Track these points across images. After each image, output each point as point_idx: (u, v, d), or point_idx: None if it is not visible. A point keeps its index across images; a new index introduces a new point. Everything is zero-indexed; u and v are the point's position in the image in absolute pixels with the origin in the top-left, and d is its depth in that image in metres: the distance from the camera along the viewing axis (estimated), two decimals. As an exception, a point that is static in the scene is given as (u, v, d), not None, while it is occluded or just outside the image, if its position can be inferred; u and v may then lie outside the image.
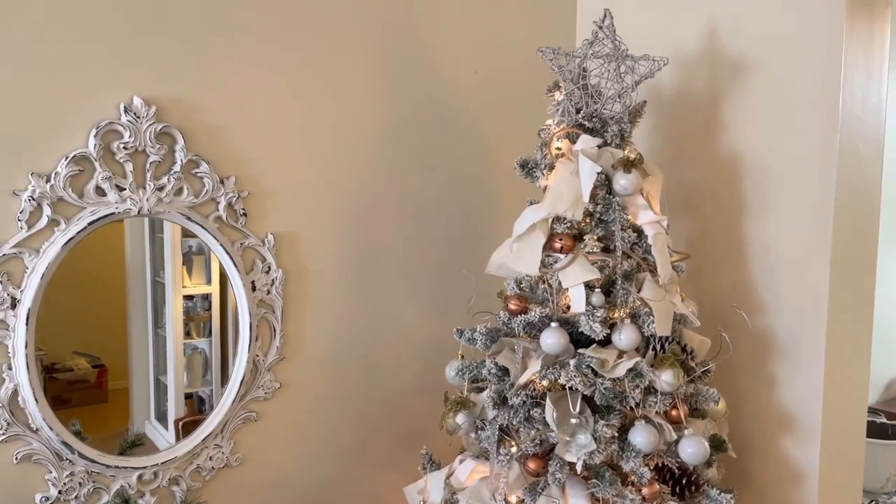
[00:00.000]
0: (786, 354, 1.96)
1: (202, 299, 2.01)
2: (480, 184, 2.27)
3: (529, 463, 1.67)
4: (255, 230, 1.91)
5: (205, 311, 2.02)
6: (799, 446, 1.94)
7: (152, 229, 1.90)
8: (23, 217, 1.62)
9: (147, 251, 1.92)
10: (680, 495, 1.69)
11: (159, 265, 1.94)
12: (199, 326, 2.02)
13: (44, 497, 1.69)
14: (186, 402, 2.00)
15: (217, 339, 2.01)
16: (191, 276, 1.98)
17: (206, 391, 2.02)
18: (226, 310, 1.98)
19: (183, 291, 1.98)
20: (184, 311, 1.99)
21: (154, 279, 1.95)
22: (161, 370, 1.99)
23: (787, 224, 1.95)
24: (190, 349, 2.01)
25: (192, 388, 2.02)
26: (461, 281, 2.20)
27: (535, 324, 1.72)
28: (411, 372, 2.20)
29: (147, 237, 1.91)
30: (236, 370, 1.91)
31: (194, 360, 2.02)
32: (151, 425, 1.99)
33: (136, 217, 1.76)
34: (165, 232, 1.90)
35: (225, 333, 1.99)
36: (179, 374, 1.98)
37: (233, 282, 1.89)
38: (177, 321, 1.96)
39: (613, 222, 1.72)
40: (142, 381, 1.99)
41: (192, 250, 1.96)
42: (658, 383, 1.66)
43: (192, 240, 1.94)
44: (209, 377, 2.01)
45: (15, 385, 1.63)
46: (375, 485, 2.16)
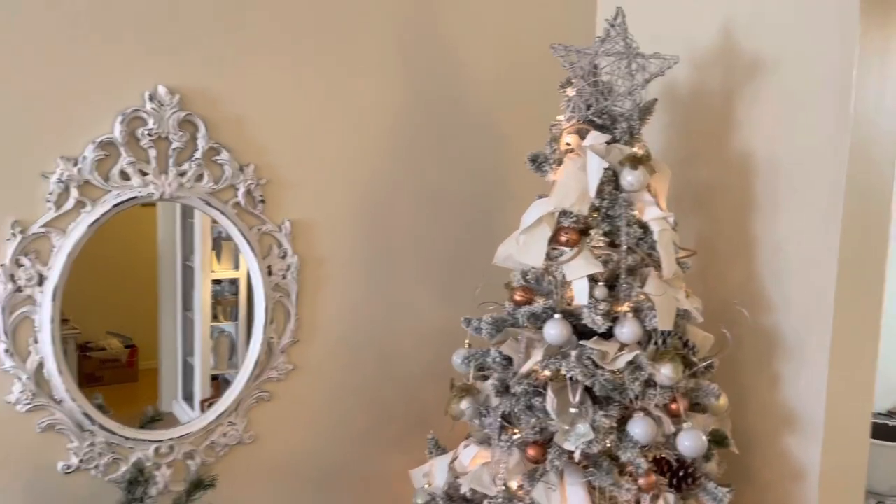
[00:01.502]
0: (790, 353, 1.98)
1: (230, 284, 2.08)
2: (493, 176, 2.31)
3: (529, 450, 1.72)
4: (272, 217, 1.97)
5: (232, 296, 2.08)
6: (801, 444, 1.95)
7: (183, 215, 1.96)
8: (51, 198, 1.70)
9: (178, 236, 1.99)
10: (677, 487, 1.72)
11: (189, 250, 2.01)
12: (227, 310, 2.09)
13: (65, 465, 1.77)
14: (212, 384, 2.07)
15: (244, 323, 2.07)
16: (219, 260, 2.05)
17: (231, 374, 2.07)
18: (252, 295, 2.03)
19: (211, 276, 2.04)
20: (212, 295, 2.06)
21: (184, 263, 2.02)
22: (189, 352, 2.06)
23: (797, 224, 1.96)
24: (217, 332, 2.08)
25: (218, 370, 2.08)
26: (472, 271, 2.25)
27: (539, 315, 1.76)
28: (422, 359, 2.25)
29: (178, 223, 1.98)
30: (251, 351, 1.98)
31: (221, 342, 2.09)
32: (179, 405, 2.07)
33: (161, 201, 1.83)
34: (196, 217, 1.96)
35: (251, 318, 2.04)
36: (206, 356, 2.06)
37: (249, 266, 1.96)
38: (205, 305, 2.03)
39: (619, 217, 1.75)
40: (170, 361, 2.07)
41: (222, 236, 2.02)
42: (658, 376, 1.69)
43: (220, 225, 1.99)
44: (235, 360, 2.07)
45: (40, 358, 1.72)
46: (384, 467, 2.22)
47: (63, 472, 1.77)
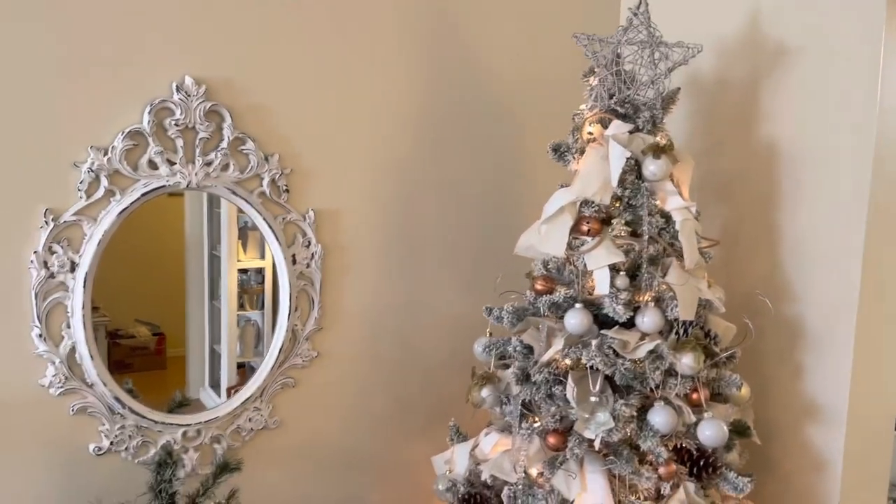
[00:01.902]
0: (814, 344, 1.96)
1: (256, 273, 2.10)
2: (513, 166, 2.32)
3: (549, 438, 1.73)
4: (296, 206, 2.00)
5: (258, 285, 2.11)
6: (824, 435, 1.94)
7: (210, 205, 1.99)
8: (82, 187, 1.74)
9: (205, 226, 2.02)
10: (697, 476, 1.73)
11: (216, 239, 2.03)
12: (253, 299, 2.11)
13: (97, 447, 1.82)
14: (238, 372, 2.10)
15: (269, 312, 2.09)
16: (245, 250, 2.08)
17: (257, 361, 2.10)
18: (278, 284, 2.06)
19: (238, 265, 2.07)
20: (238, 284, 2.08)
21: (211, 253, 2.05)
22: (216, 340, 2.09)
23: (821, 214, 1.95)
24: (243, 321, 2.11)
25: (244, 358, 2.11)
26: (493, 260, 2.26)
27: (560, 304, 1.77)
28: (442, 348, 2.27)
29: (205, 212, 2.00)
30: (276, 338, 2.01)
31: (247, 331, 2.12)
32: (206, 392, 2.10)
33: (188, 190, 1.86)
34: (222, 207, 1.99)
35: (277, 306, 2.07)
36: (233, 344, 2.08)
37: (274, 254, 1.99)
38: (231, 293, 2.06)
39: (641, 207, 1.75)
40: (197, 349, 2.10)
41: (248, 226, 2.05)
42: (678, 366, 1.69)
43: (246, 216, 2.01)
44: (261, 348, 2.10)
45: (73, 342, 1.77)
46: (406, 454, 2.25)
47: (94, 454, 1.82)
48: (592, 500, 1.66)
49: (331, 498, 2.15)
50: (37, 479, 1.79)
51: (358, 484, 2.20)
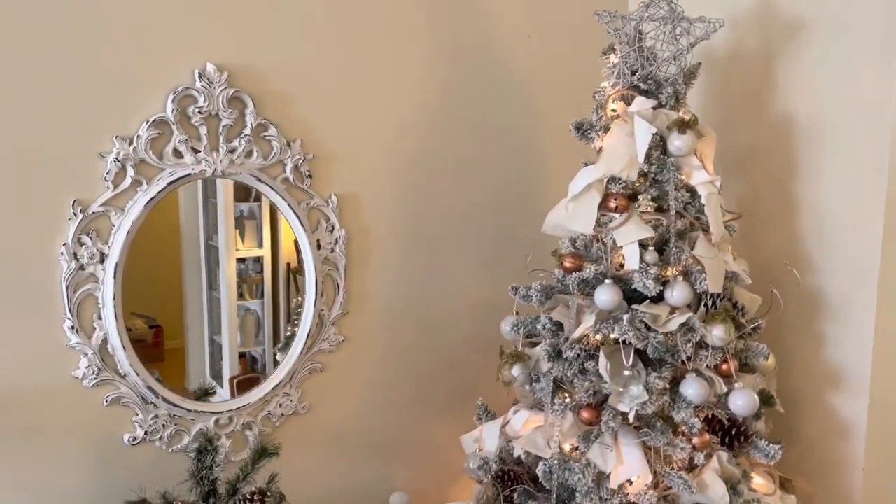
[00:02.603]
0: (835, 313, 1.99)
1: (254, 262, 2.10)
2: (531, 147, 2.33)
3: (583, 413, 1.75)
4: (319, 191, 2.00)
5: (256, 274, 2.11)
6: (846, 402, 1.98)
7: (205, 194, 1.98)
8: (109, 178, 1.73)
9: (201, 216, 2.00)
10: (729, 445, 1.75)
11: (213, 229, 2.02)
12: (252, 288, 2.11)
13: (131, 437, 1.83)
14: (240, 361, 2.10)
15: (269, 301, 2.10)
16: (243, 239, 2.07)
17: (258, 351, 2.12)
18: (277, 272, 2.07)
19: (236, 254, 2.06)
20: (237, 274, 2.07)
21: (207, 243, 2.03)
22: (215, 330, 2.08)
23: (840, 184, 1.97)
24: (243, 310, 2.10)
25: (245, 348, 2.11)
26: (512, 242, 2.28)
27: (590, 281, 1.78)
28: (464, 329, 2.28)
29: (200, 202, 1.98)
30: (303, 323, 2.02)
31: (247, 321, 2.11)
32: (207, 383, 2.09)
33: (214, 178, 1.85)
34: (219, 197, 1.98)
35: (276, 295, 2.09)
36: (233, 334, 2.08)
37: (299, 240, 1.99)
38: (230, 283, 2.05)
39: (668, 182, 1.76)
40: (197, 341, 2.09)
41: (244, 214, 2.04)
42: (709, 338, 1.72)
43: (243, 204, 2.02)
44: (261, 337, 2.11)
45: (105, 333, 1.77)
46: (431, 434, 2.27)
47: (129, 444, 1.83)
48: (629, 471, 1.68)
49: (360, 479, 2.17)
50: (73, 470, 1.79)
51: (385, 466, 2.22)
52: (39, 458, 1.75)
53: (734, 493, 1.68)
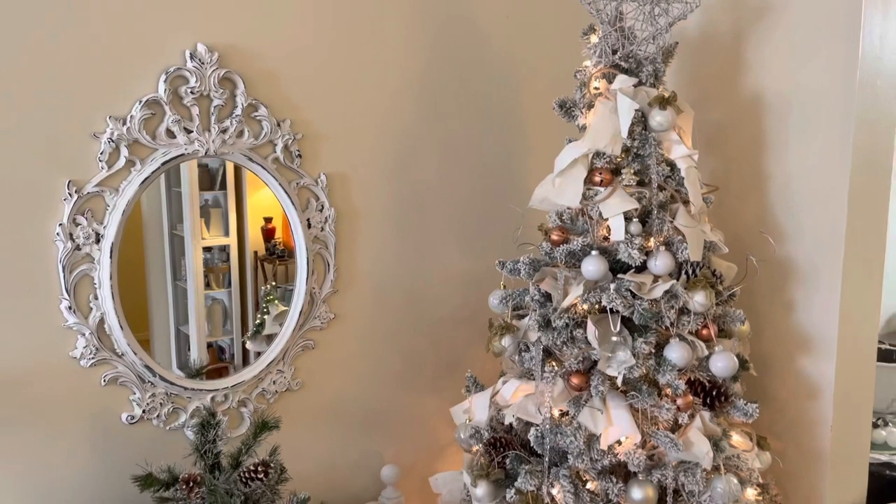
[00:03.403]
0: (804, 280, 2.10)
1: (220, 251, 2.10)
2: (514, 126, 2.39)
3: (573, 379, 1.82)
4: (308, 171, 2.03)
5: (223, 263, 2.11)
6: (815, 365, 2.09)
7: (168, 184, 1.96)
8: (103, 158, 1.74)
9: (164, 205, 1.98)
10: (710, 406, 1.85)
11: (177, 218, 2.01)
12: (219, 277, 2.11)
13: (129, 416, 1.84)
14: (208, 351, 2.09)
15: (236, 290, 2.10)
16: (209, 228, 2.06)
17: (225, 340, 2.12)
18: (244, 261, 2.08)
19: (202, 243, 2.05)
20: (203, 263, 2.06)
21: (171, 232, 2.02)
22: (182, 321, 2.07)
23: (808, 159, 2.08)
24: (210, 300, 2.10)
25: (213, 338, 2.11)
26: (496, 220, 2.34)
27: (577, 252, 1.85)
28: (452, 305, 2.34)
29: (163, 191, 1.96)
30: (295, 301, 2.05)
31: (214, 310, 2.12)
32: (174, 374, 2.10)
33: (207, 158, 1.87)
34: (183, 186, 1.97)
35: (244, 284, 2.10)
36: (201, 324, 2.07)
37: (290, 219, 2.02)
38: (197, 273, 2.04)
39: (649, 156, 1.84)
40: (162, 332, 2.07)
41: (209, 203, 2.05)
42: (691, 304, 1.81)
43: (208, 193, 2.03)
44: (229, 327, 2.11)
45: (101, 313, 1.78)
46: (421, 409, 2.32)
47: (127, 423, 1.84)
48: (619, 431, 1.76)
49: (352, 453, 2.22)
50: (72, 450, 1.80)
51: (376, 440, 2.27)
52: (38, 439, 1.76)
53: (717, 449, 1.77)
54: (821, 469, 2.10)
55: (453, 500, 2.09)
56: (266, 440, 1.80)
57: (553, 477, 1.83)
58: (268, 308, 2.14)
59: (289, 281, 2.09)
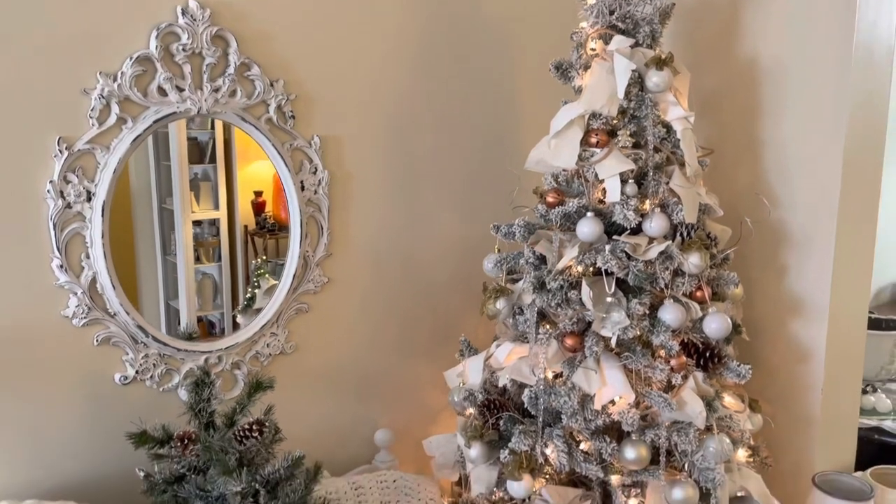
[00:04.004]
0: (797, 245, 2.11)
1: (210, 225, 2.09)
2: (508, 90, 2.37)
3: (567, 340, 1.82)
4: (302, 132, 2.01)
5: (213, 237, 2.09)
6: (807, 329, 2.11)
7: (157, 156, 1.95)
8: (93, 115, 1.72)
9: (153, 178, 1.97)
10: (703, 367, 1.86)
11: (166, 192, 1.99)
12: (209, 252, 2.10)
13: (122, 377, 1.84)
14: (198, 326, 2.08)
15: (227, 264, 2.09)
16: (198, 201, 2.05)
17: (216, 315, 2.11)
18: (234, 235, 2.06)
19: (192, 217, 2.04)
20: (193, 237, 2.05)
21: (161, 206, 2.01)
22: (171, 295, 2.05)
23: (803, 124, 2.08)
24: (200, 275, 2.09)
25: (202, 312, 2.10)
26: (491, 185, 2.34)
27: (572, 215, 1.85)
28: (444, 270, 2.34)
29: (152, 165, 1.95)
30: (288, 264, 2.04)
31: (204, 284, 2.10)
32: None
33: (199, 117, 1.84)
34: (172, 159, 1.96)
35: (234, 258, 2.08)
36: (192, 298, 2.06)
37: (284, 181, 2.00)
38: (187, 247, 2.03)
39: (646, 118, 1.83)
40: (152, 306, 2.05)
41: (199, 177, 2.03)
42: (686, 265, 1.81)
43: (197, 166, 2.01)
44: (219, 301, 2.10)
45: (93, 273, 1.76)
46: (415, 374, 2.33)
47: (120, 384, 1.84)
48: (613, 391, 1.77)
49: (346, 418, 2.22)
50: (64, 410, 1.79)
51: (370, 404, 2.27)
52: (30, 398, 1.75)
53: (710, 409, 1.78)
54: (811, 432, 2.12)
55: (447, 463, 2.10)
56: (260, 400, 1.80)
57: (547, 437, 1.84)
58: (258, 282, 2.13)
59: (280, 255, 2.08)
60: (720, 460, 1.78)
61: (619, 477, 1.85)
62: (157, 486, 1.64)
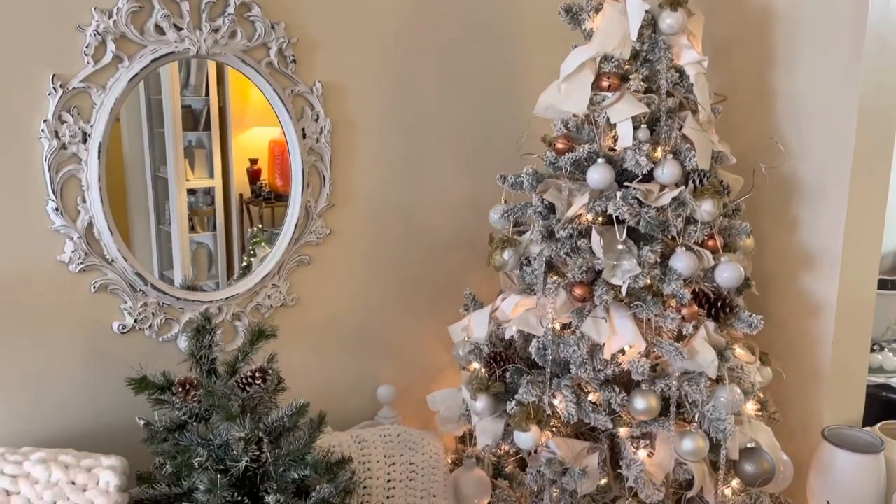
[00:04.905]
0: (809, 197, 2.07)
1: (204, 193, 2.04)
2: (516, 37, 2.30)
3: (576, 290, 1.78)
4: (303, 78, 1.95)
5: (208, 206, 2.04)
6: (818, 282, 2.07)
7: (150, 123, 1.90)
8: (89, 52, 1.65)
9: (146, 146, 1.92)
10: (714, 318, 1.82)
11: (160, 160, 1.94)
12: (203, 221, 2.05)
13: (120, 325, 1.79)
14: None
15: (222, 233, 2.04)
16: (193, 170, 2.00)
17: (210, 285, 2.06)
18: (229, 203, 2.01)
19: (186, 185, 1.99)
20: (188, 206, 2.00)
21: (155, 174, 1.96)
22: (166, 266, 2.01)
23: (817, 74, 2.03)
24: (194, 244, 2.04)
25: (198, 282, 2.03)
26: (497, 136, 2.28)
27: (582, 162, 1.80)
28: (450, 226, 2.29)
29: (145, 132, 1.90)
30: (290, 214, 1.99)
31: (199, 254, 2.05)
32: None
33: (198, 58, 1.78)
34: (166, 126, 1.91)
35: (229, 227, 2.03)
36: (186, 268, 2.01)
37: (285, 128, 1.94)
38: (182, 216, 1.98)
39: (659, 61, 1.78)
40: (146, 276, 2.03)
41: (193, 144, 1.98)
42: (699, 213, 1.77)
43: (191, 133, 1.96)
44: (214, 271, 2.05)
45: (90, 217, 1.71)
46: (418, 332, 2.28)
47: (119, 332, 1.79)
48: (623, 340, 1.73)
49: (348, 373, 2.19)
50: (61, 358, 1.75)
51: (372, 360, 2.23)
52: (26, 345, 1.70)
53: (721, 359, 1.75)
54: (819, 387, 2.10)
55: (451, 417, 2.07)
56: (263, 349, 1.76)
57: (555, 388, 1.81)
58: (254, 251, 2.08)
59: (275, 224, 2.04)
60: (731, 411, 1.75)
61: (627, 429, 1.83)
62: (158, 435, 1.60)
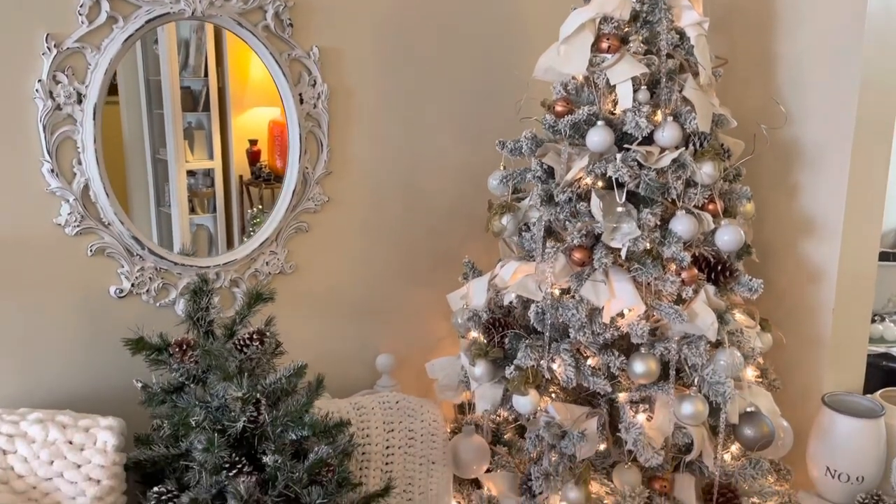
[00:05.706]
0: (810, 163, 2.05)
1: (204, 175, 2.03)
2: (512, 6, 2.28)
3: (575, 253, 1.77)
4: (300, 42, 1.93)
5: (207, 188, 2.03)
6: (819, 249, 2.06)
7: (149, 105, 1.89)
8: (83, 11, 1.64)
9: (145, 129, 1.91)
10: (714, 282, 1.81)
11: (159, 142, 1.93)
12: (203, 202, 2.04)
13: (117, 289, 1.78)
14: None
15: (222, 215, 2.04)
16: (193, 151, 1.99)
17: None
18: (229, 184, 2.00)
19: (186, 167, 1.98)
20: (187, 188, 1.99)
21: (154, 156, 1.95)
22: (166, 247, 1.98)
23: (818, 36, 2.00)
24: (194, 226, 2.03)
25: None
26: (492, 109, 2.26)
27: (581, 124, 1.79)
28: (445, 195, 2.27)
29: (145, 114, 1.89)
30: (287, 180, 1.98)
31: (199, 236, 2.05)
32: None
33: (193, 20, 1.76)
34: (165, 108, 1.90)
35: (229, 208, 2.02)
36: (187, 249, 1.96)
37: (282, 93, 1.93)
38: (181, 198, 1.98)
39: (659, 22, 1.76)
40: None
41: (192, 125, 1.96)
42: (699, 175, 1.75)
43: (191, 115, 1.95)
44: (214, 253, 2.04)
45: (86, 179, 1.70)
46: (416, 301, 2.28)
47: (116, 296, 1.79)
48: (622, 303, 1.72)
49: (347, 341, 2.18)
50: (58, 321, 1.74)
51: (371, 328, 2.22)
52: (21, 307, 1.70)
53: (721, 322, 1.74)
54: (820, 355, 2.09)
55: (450, 384, 2.06)
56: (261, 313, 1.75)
57: (554, 352, 1.80)
58: (254, 232, 2.07)
59: (275, 205, 2.01)
60: (731, 374, 1.74)
61: (626, 394, 1.82)
62: (156, 397, 1.60)
